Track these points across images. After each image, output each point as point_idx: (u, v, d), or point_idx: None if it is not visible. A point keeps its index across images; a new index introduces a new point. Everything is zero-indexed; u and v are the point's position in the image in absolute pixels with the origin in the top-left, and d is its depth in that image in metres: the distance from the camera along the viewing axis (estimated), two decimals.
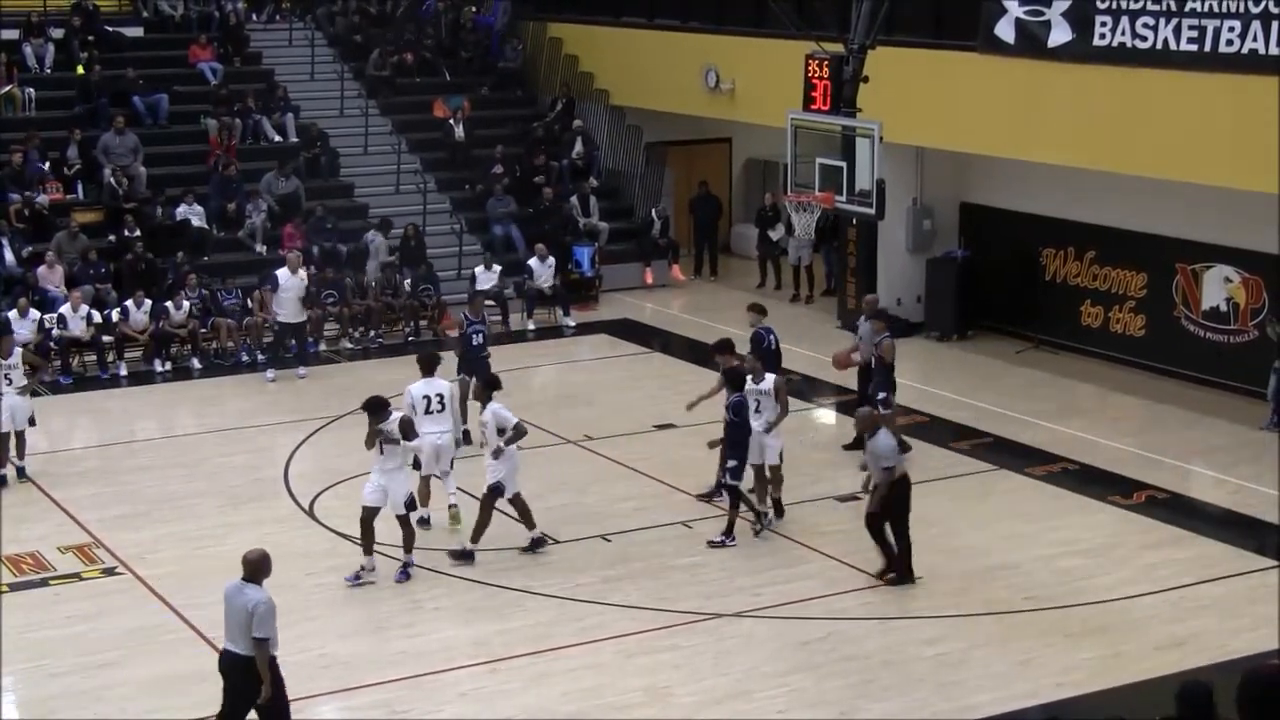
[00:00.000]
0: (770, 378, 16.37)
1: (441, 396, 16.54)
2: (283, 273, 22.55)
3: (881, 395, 17.72)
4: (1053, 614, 14.34)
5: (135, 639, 13.98)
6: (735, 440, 15.86)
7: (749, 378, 16.23)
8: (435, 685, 12.96)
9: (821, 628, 14.08)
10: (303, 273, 22.73)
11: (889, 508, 14.88)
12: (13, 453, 18.20)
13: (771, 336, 18.42)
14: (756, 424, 16.10)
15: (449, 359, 18.48)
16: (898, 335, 24.34)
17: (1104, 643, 13.71)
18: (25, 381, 18.38)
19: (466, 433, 18.69)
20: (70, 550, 16.04)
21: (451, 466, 16.73)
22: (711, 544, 15.93)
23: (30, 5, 29.08)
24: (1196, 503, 17.39)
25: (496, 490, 15.38)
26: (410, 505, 15.26)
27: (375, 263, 25.61)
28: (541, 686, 12.98)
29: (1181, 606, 14.50)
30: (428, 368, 16.57)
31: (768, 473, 16.46)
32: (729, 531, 15.99)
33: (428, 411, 16.20)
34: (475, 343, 19.17)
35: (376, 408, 15.05)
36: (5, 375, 18.00)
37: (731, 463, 15.88)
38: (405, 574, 15.15)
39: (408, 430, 15.05)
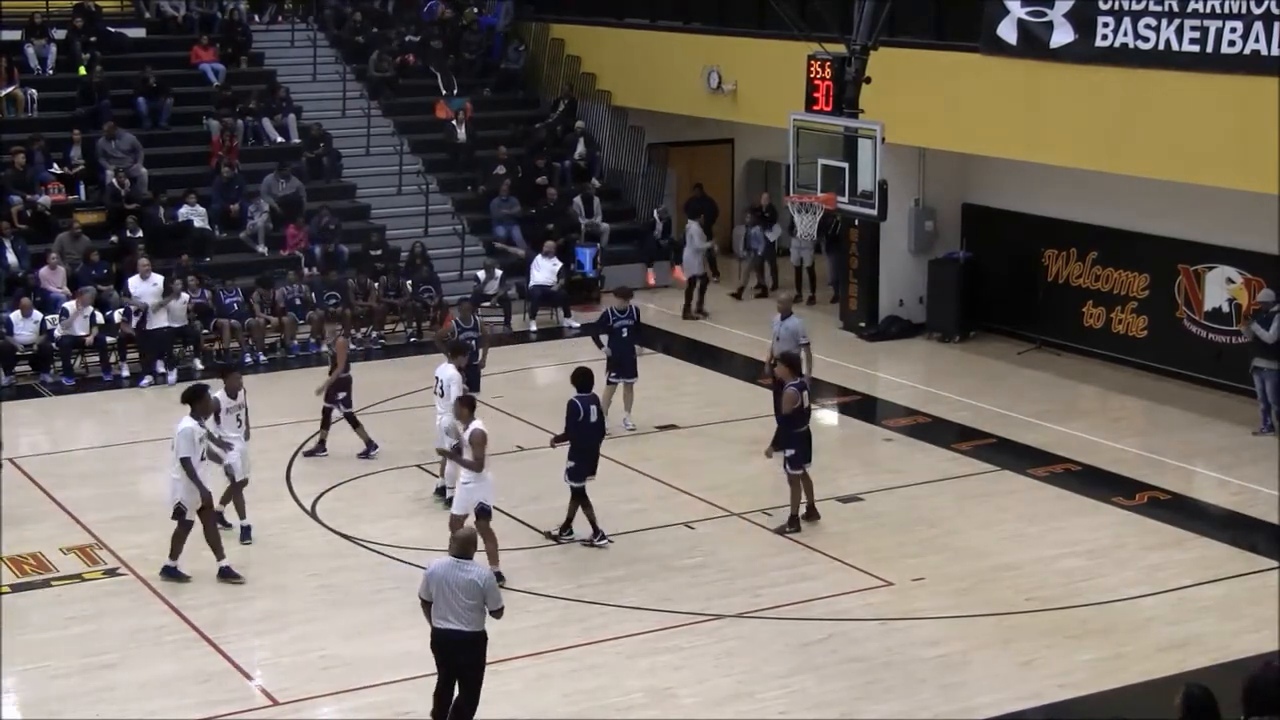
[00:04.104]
0: (475, 425, 14.93)
1: (440, 380, 16.89)
2: (133, 280, 22.53)
3: (790, 452, 16.39)
4: (1055, 615, 14.34)
5: (137, 640, 13.98)
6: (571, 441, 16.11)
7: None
8: None
9: (823, 629, 14.08)
10: (156, 278, 22.51)
11: None
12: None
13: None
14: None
15: None
16: (899, 336, 24.51)
17: (1106, 644, 13.71)
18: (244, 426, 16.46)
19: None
20: (72, 551, 16.05)
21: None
22: (575, 538, 16.14)
23: (32, 6, 29.08)
24: (1198, 504, 17.38)
25: None
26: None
27: (691, 250, 25.99)
28: (543, 688, 12.98)
29: (1183, 608, 14.50)
30: (194, 401, 15.23)
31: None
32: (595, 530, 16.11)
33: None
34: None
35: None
36: (236, 417, 16.17)
37: (569, 463, 16.10)
38: None
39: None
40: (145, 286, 22.48)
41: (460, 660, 11.56)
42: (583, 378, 16.21)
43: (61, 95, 27.71)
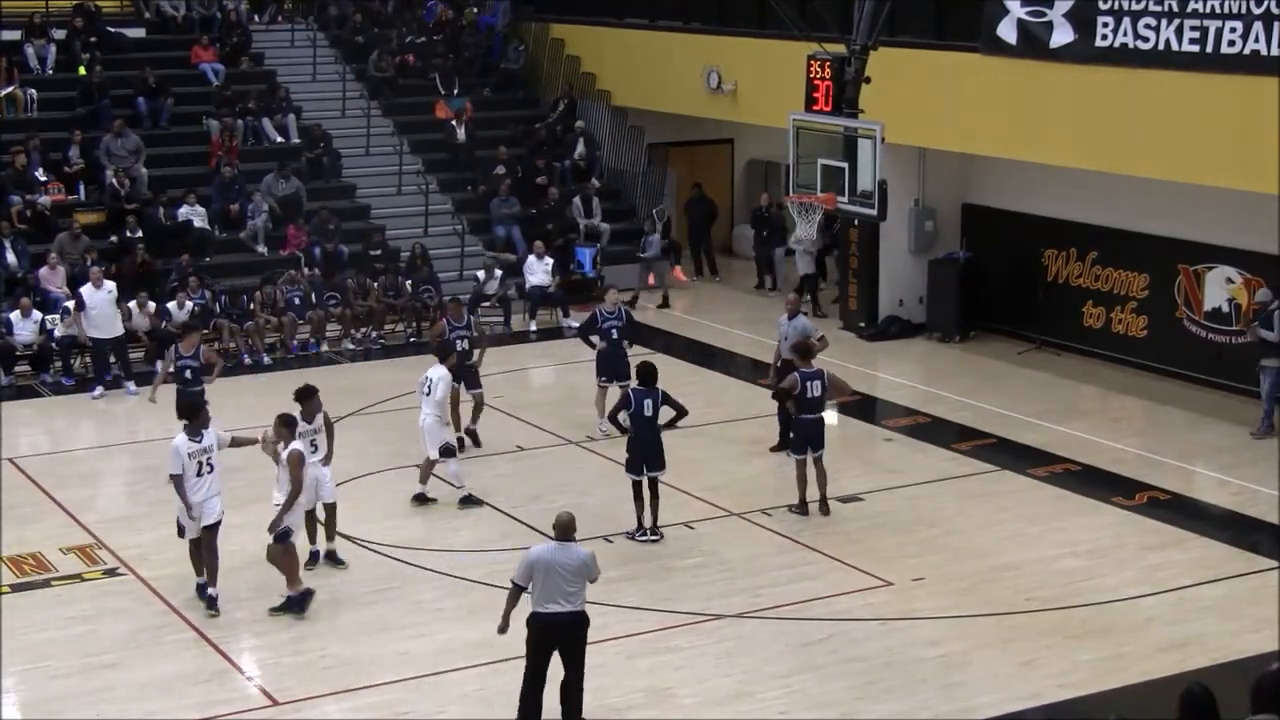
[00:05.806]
0: (293, 445, 14.50)
1: (429, 379, 16.82)
2: (86, 289, 22.03)
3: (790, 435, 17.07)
4: (1055, 615, 14.34)
5: (137, 640, 13.98)
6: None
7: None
8: (437, 686, 12.96)
9: (823, 629, 14.08)
10: (109, 285, 22.13)
11: None
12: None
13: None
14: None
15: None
16: (899, 336, 24.50)
17: (1106, 644, 13.71)
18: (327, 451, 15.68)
19: (461, 440, 18.65)
20: (72, 551, 16.06)
21: (443, 455, 16.94)
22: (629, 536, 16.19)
23: (32, 6, 29.09)
24: (1198, 504, 17.37)
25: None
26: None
27: (801, 249, 25.67)
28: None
29: (1183, 608, 14.50)
30: (190, 415, 14.80)
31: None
32: (639, 525, 16.18)
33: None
34: (460, 349, 18.61)
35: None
36: (311, 441, 15.32)
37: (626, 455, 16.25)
38: None
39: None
40: (99, 295, 21.94)
41: (563, 642, 11.77)
42: (644, 372, 16.31)
43: (61, 95, 27.70)
